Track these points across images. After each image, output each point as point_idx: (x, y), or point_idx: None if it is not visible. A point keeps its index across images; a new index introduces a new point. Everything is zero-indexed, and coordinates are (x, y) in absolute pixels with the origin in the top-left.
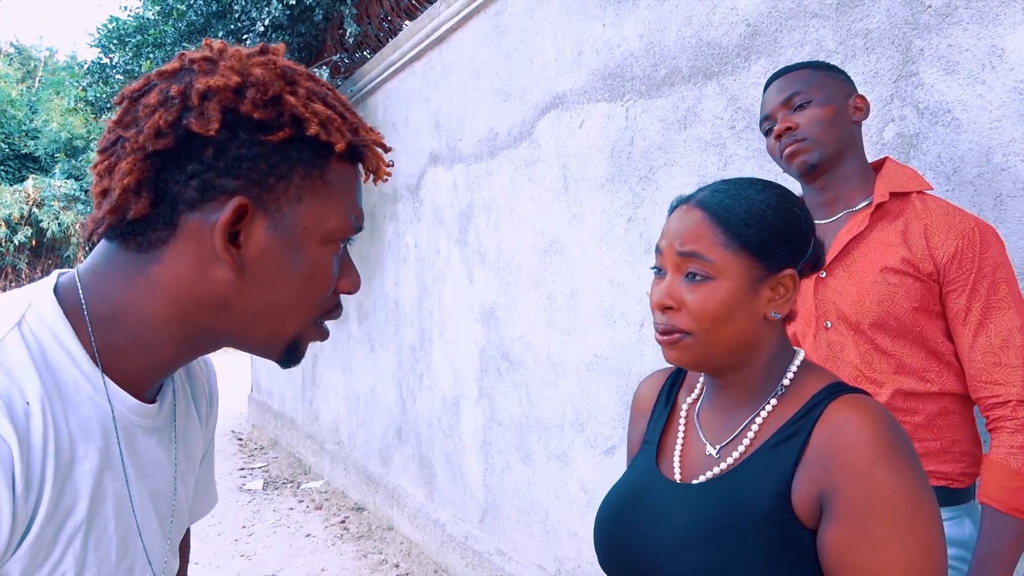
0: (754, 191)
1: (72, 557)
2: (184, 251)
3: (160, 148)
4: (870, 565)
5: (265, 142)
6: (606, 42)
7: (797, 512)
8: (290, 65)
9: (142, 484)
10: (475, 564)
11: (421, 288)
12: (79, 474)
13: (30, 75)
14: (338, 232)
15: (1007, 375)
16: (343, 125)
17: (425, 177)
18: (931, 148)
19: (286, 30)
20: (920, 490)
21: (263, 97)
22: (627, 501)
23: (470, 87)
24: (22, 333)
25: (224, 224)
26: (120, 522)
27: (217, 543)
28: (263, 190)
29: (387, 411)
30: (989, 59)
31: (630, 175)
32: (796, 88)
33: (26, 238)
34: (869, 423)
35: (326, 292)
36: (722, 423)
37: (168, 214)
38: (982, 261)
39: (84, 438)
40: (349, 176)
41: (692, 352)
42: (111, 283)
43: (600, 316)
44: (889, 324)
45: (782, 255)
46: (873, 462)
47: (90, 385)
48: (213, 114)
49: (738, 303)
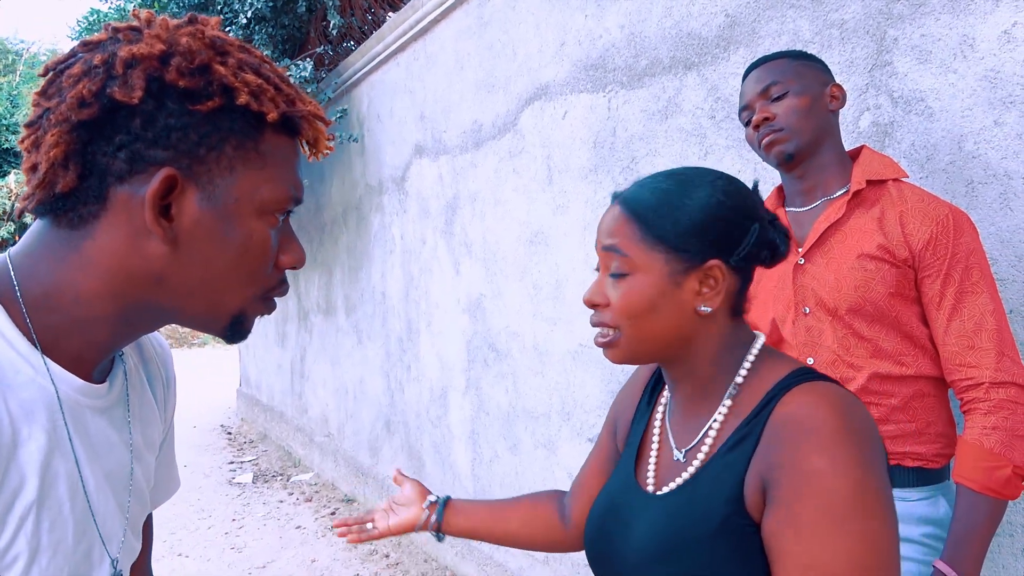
0: (675, 183)
1: (24, 539)
2: (116, 225)
3: (85, 118)
4: (800, 552)
5: (194, 112)
6: (588, 33)
7: (750, 512)
8: (220, 35)
9: (95, 465)
10: (464, 553)
11: (408, 280)
12: (24, 455)
13: (9, 69)
14: (274, 203)
15: (980, 358)
16: (277, 96)
17: (411, 169)
18: (905, 136)
19: (269, 22)
20: (865, 477)
21: (189, 65)
22: (605, 513)
23: (454, 78)
24: None
25: (153, 195)
26: (75, 504)
27: (207, 536)
28: (194, 161)
29: (376, 403)
30: (960, 49)
31: (613, 165)
32: (773, 78)
33: (8, 233)
34: (815, 408)
35: (265, 266)
36: (685, 425)
37: (97, 187)
38: (956, 247)
39: (27, 420)
40: (285, 147)
41: (623, 349)
42: (44, 262)
43: (584, 306)
44: (866, 309)
45: (703, 246)
46: (812, 447)
47: (30, 367)
48: (137, 82)
49: (659, 298)
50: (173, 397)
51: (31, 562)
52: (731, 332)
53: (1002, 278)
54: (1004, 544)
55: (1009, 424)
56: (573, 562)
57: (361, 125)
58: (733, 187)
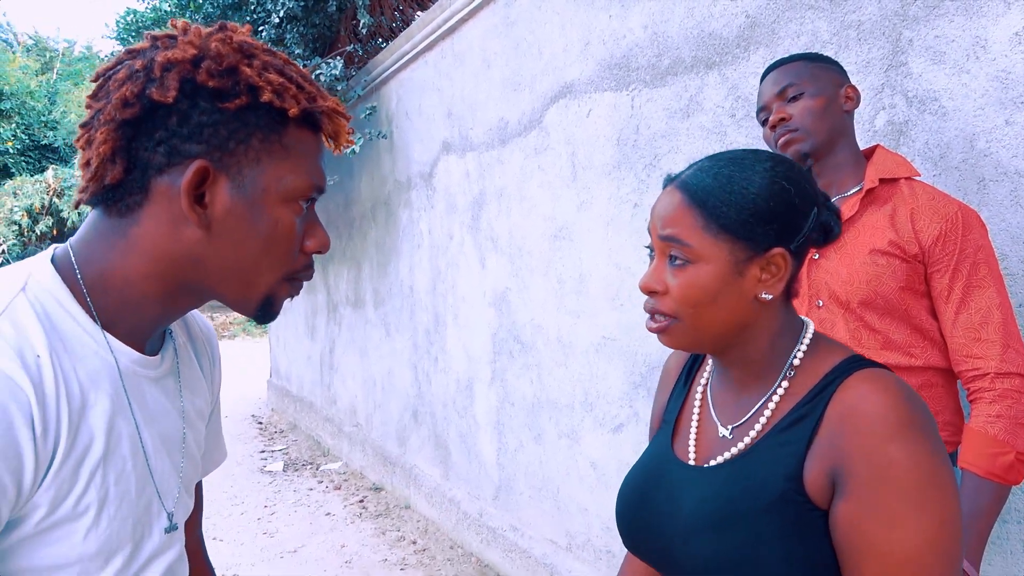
0: (736, 168)
1: (95, 490)
2: (157, 213)
3: (128, 117)
4: (881, 539)
5: (223, 109)
6: (612, 33)
7: (810, 493)
8: (247, 40)
9: (152, 429)
10: (489, 540)
11: (435, 274)
12: (93, 417)
13: (48, 67)
14: (298, 192)
15: (986, 349)
16: (299, 93)
17: (438, 165)
18: (919, 135)
19: (300, 21)
20: (935, 464)
21: (218, 67)
22: (645, 484)
23: (481, 77)
24: (28, 298)
25: (188, 185)
26: (136, 462)
27: (240, 521)
28: (224, 153)
29: (403, 394)
30: (973, 50)
31: (636, 162)
32: (789, 80)
33: (47, 227)
34: (881, 397)
35: (291, 250)
36: (734, 403)
37: (140, 179)
38: (964, 243)
39: (94, 387)
40: (308, 141)
41: (681, 337)
42: (98, 248)
43: (608, 299)
44: (877, 303)
45: (767, 234)
46: (885, 436)
47: (93, 341)
48: (172, 83)
49: (722, 287)
50: (219, 372)
51: (100, 511)
52: (785, 316)
53: (1012, 273)
54: (1012, 532)
55: (1013, 412)
56: (595, 548)
57: (390, 122)
58: (793, 171)
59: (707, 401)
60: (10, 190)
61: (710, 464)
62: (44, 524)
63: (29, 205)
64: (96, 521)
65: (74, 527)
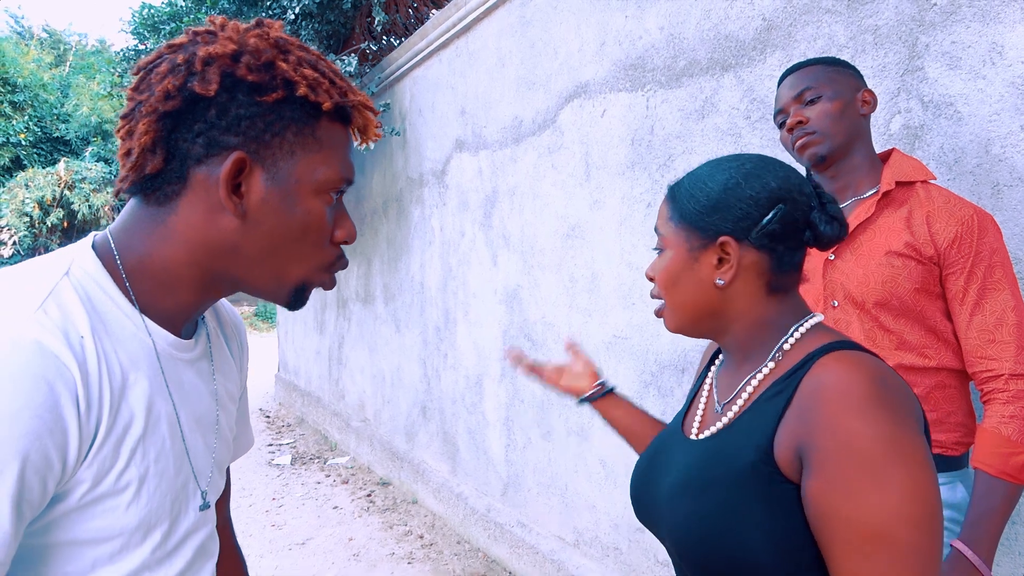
0: (712, 167)
1: (135, 467)
2: (195, 202)
3: (170, 109)
4: (846, 513)
5: (260, 102)
6: (628, 34)
7: (780, 465)
8: (283, 36)
9: (187, 410)
10: (496, 535)
11: (446, 270)
12: (132, 397)
13: (61, 60)
14: (329, 184)
15: (1000, 351)
16: (331, 88)
17: (451, 163)
18: (934, 139)
19: (316, 18)
20: (899, 436)
21: (256, 62)
22: (650, 456)
23: (495, 75)
24: (71, 281)
25: (226, 175)
26: (174, 441)
27: (249, 513)
28: (260, 145)
29: (412, 389)
30: (990, 55)
31: (650, 162)
32: (807, 83)
33: (58, 219)
34: (848, 374)
35: (323, 239)
36: (727, 383)
37: (179, 169)
38: (979, 246)
39: (133, 367)
40: (339, 134)
41: (669, 318)
42: (137, 235)
43: (619, 298)
44: (892, 304)
45: (716, 224)
46: (847, 411)
47: (132, 324)
48: (213, 77)
49: (680, 271)
50: (247, 358)
51: (140, 487)
52: (767, 307)
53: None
54: (1021, 533)
55: None
56: (603, 545)
57: (403, 119)
58: (761, 169)
59: (712, 384)
60: (22, 182)
61: (702, 436)
62: (87, 498)
63: (40, 197)
64: (137, 496)
65: (116, 502)
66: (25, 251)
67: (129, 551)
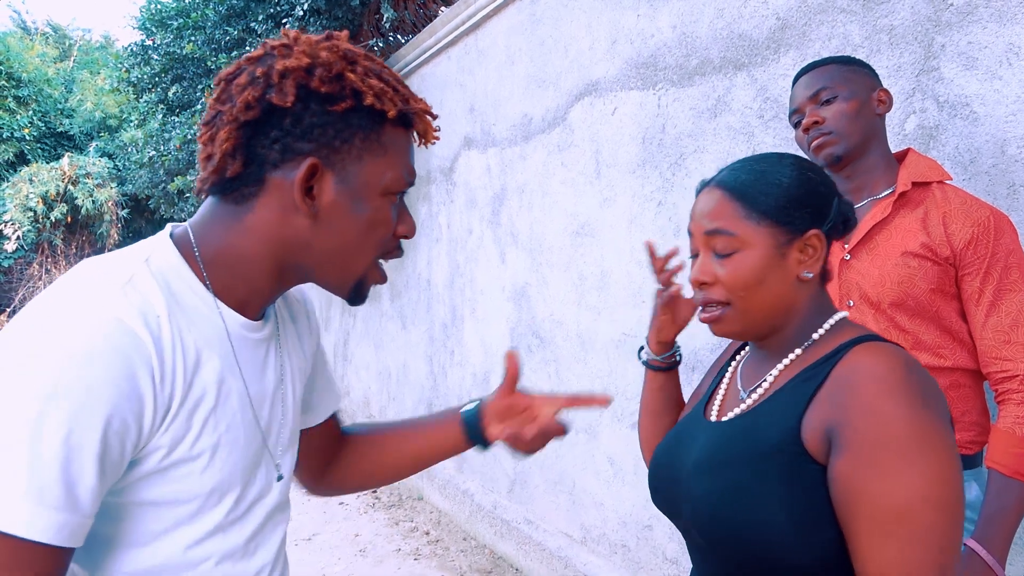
0: (766, 164)
1: (207, 436)
2: (270, 203)
3: (249, 119)
4: (875, 492)
5: (331, 112)
6: (640, 32)
7: (808, 447)
8: (351, 48)
9: (257, 385)
10: (503, 532)
11: (453, 268)
12: (205, 373)
13: (66, 55)
14: (394, 185)
15: (1015, 352)
16: (395, 96)
17: (459, 160)
18: (950, 140)
19: (324, 14)
20: (930, 422)
21: (328, 74)
22: (672, 439)
23: (505, 73)
24: (150, 268)
25: (300, 180)
26: (244, 414)
27: None
28: (331, 151)
29: (418, 386)
30: (1006, 56)
31: (661, 161)
32: (823, 83)
33: (62, 214)
34: (884, 363)
35: (387, 235)
36: (754, 372)
37: (257, 173)
38: (996, 247)
39: (207, 346)
40: (402, 139)
41: (733, 322)
42: (216, 230)
43: (629, 296)
44: (908, 304)
45: (803, 217)
46: (881, 395)
47: (206, 307)
48: (289, 89)
49: (768, 268)
50: (315, 327)
51: (213, 454)
52: (820, 298)
53: None
54: None
55: None
56: (611, 542)
57: None
58: (814, 165)
59: (736, 373)
60: (26, 176)
61: (722, 420)
62: (165, 463)
63: (44, 192)
64: (210, 463)
65: (192, 467)
66: (29, 246)
67: (205, 512)
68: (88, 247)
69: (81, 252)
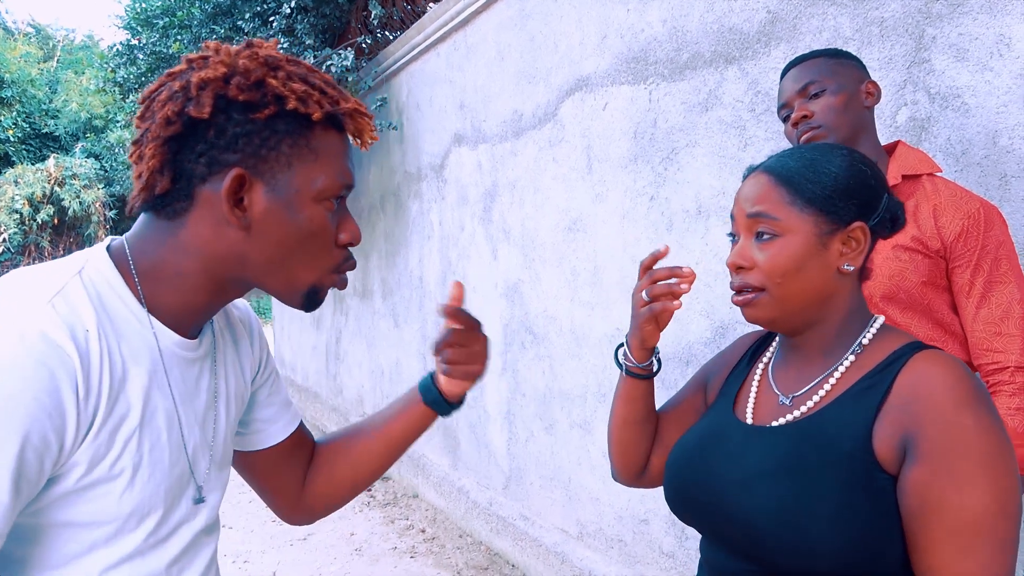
0: (817, 152)
1: (129, 455)
2: (203, 217)
3: (172, 134)
4: (953, 500)
5: (254, 120)
6: (630, 27)
7: (879, 456)
8: (273, 54)
9: (187, 406)
10: (499, 529)
11: (445, 265)
12: (131, 389)
13: (50, 55)
14: (328, 191)
15: (1006, 343)
16: (322, 98)
17: (449, 157)
18: (941, 131)
19: (311, 12)
20: (1000, 434)
21: (246, 82)
22: (702, 443)
23: (494, 69)
24: (82, 279)
25: (227, 191)
26: (171, 434)
27: (249, 509)
28: (258, 160)
29: (411, 384)
30: (997, 47)
31: (652, 155)
32: (811, 77)
33: (48, 216)
34: (952, 373)
35: (327, 244)
36: (795, 377)
37: (186, 188)
38: (986, 239)
39: (134, 362)
40: (334, 142)
41: (767, 309)
42: (150, 246)
43: (622, 291)
44: (899, 297)
45: (849, 208)
46: (957, 406)
47: (138, 322)
48: (206, 100)
49: (808, 257)
50: (259, 350)
51: (134, 475)
52: (859, 297)
53: None
54: None
55: None
56: (607, 537)
57: (400, 113)
58: (866, 159)
59: (767, 375)
60: (11, 178)
61: (772, 424)
62: (83, 482)
63: (30, 194)
64: (131, 484)
65: (111, 487)
66: (15, 248)
67: (123, 535)
68: (76, 249)
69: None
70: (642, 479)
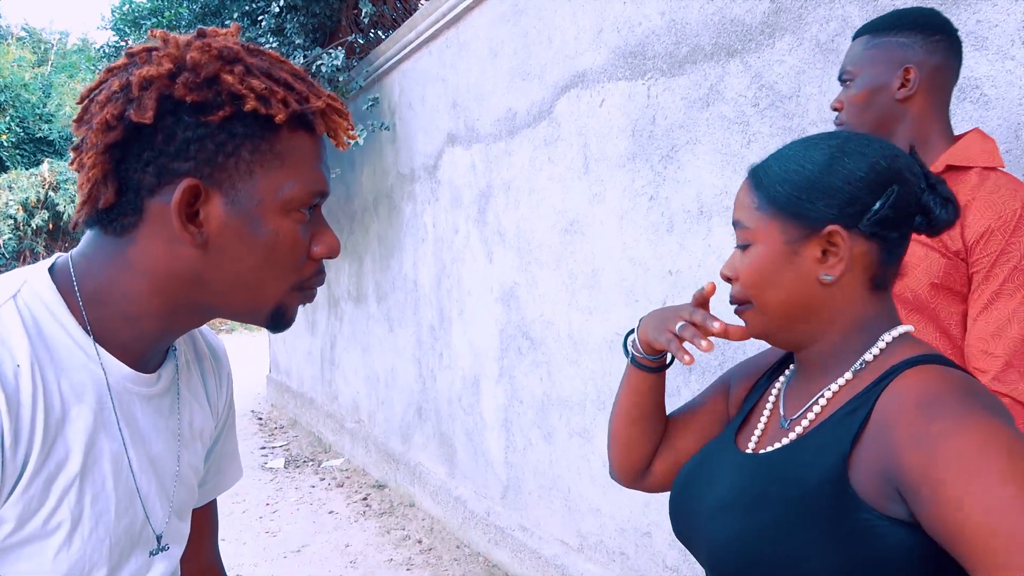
0: (802, 146)
1: (67, 508)
2: (153, 233)
3: (112, 141)
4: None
5: (208, 122)
6: (627, 20)
7: (860, 492)
8: (229, 45)
9: (141, 448)
10: (497, 540)
11: (439, 268)
12: (71, 432)
13: (43, 59)
14: (297, 200)
15: (989, 364)
16: (288, 95)
17: (443, 157)
18: (959, 124)
19: (300, 10)
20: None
21: (196, 80)
22: (694, 467)
23: (487, 66)
24: (16, 305)
25: (177, 205)
26: (119, 481)
27: (242, 520)
28: (214, 169)
29: (407, 390)
30: (1019, 34)
31: (652, 153)
32: (846, 63)
33: (43, 221)
34: (926, 384)
35: (297, 259)
36: (796, 397)
37: (133, 201)
38: (1009, 244)
39: (76, 399)
40: (303, 144)
41: (754, 321)
42: (97, 264)
43: (622, 295)
44: (904, 296)
45: (820, 211)
46: (930, 419)
47: (83, 353)
48: (149, 103)
49: (777, 267)
50: (227, 392)
51: (73, 530)
52: (868, 306)
53: None
54: None
55: None
56: (608, 550)
57: (392, 113)
58: (864, 146)
59: (780, 395)
60: (5, 184)
61: (760, 452)
62: (11, 540)
63: (24, 199)
64: (68, 541)
65: (44, 545)
66: (10, 254)
67: None
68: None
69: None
70: (642, 482)
